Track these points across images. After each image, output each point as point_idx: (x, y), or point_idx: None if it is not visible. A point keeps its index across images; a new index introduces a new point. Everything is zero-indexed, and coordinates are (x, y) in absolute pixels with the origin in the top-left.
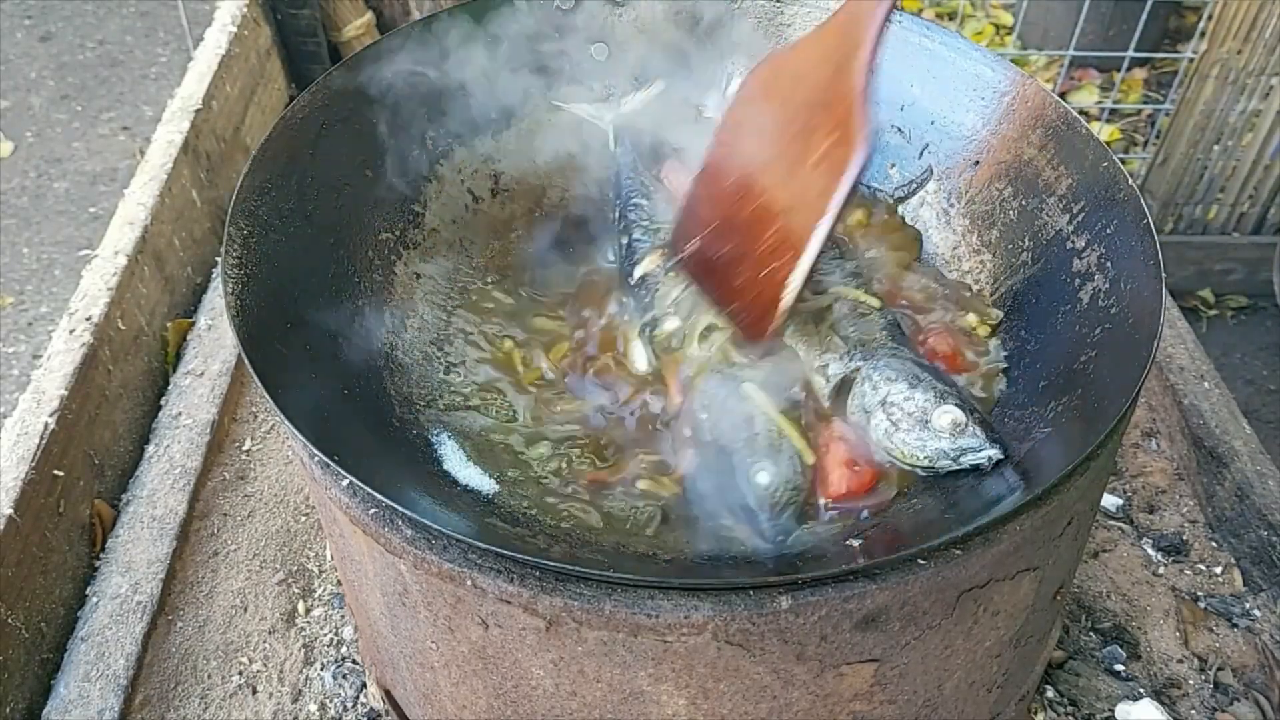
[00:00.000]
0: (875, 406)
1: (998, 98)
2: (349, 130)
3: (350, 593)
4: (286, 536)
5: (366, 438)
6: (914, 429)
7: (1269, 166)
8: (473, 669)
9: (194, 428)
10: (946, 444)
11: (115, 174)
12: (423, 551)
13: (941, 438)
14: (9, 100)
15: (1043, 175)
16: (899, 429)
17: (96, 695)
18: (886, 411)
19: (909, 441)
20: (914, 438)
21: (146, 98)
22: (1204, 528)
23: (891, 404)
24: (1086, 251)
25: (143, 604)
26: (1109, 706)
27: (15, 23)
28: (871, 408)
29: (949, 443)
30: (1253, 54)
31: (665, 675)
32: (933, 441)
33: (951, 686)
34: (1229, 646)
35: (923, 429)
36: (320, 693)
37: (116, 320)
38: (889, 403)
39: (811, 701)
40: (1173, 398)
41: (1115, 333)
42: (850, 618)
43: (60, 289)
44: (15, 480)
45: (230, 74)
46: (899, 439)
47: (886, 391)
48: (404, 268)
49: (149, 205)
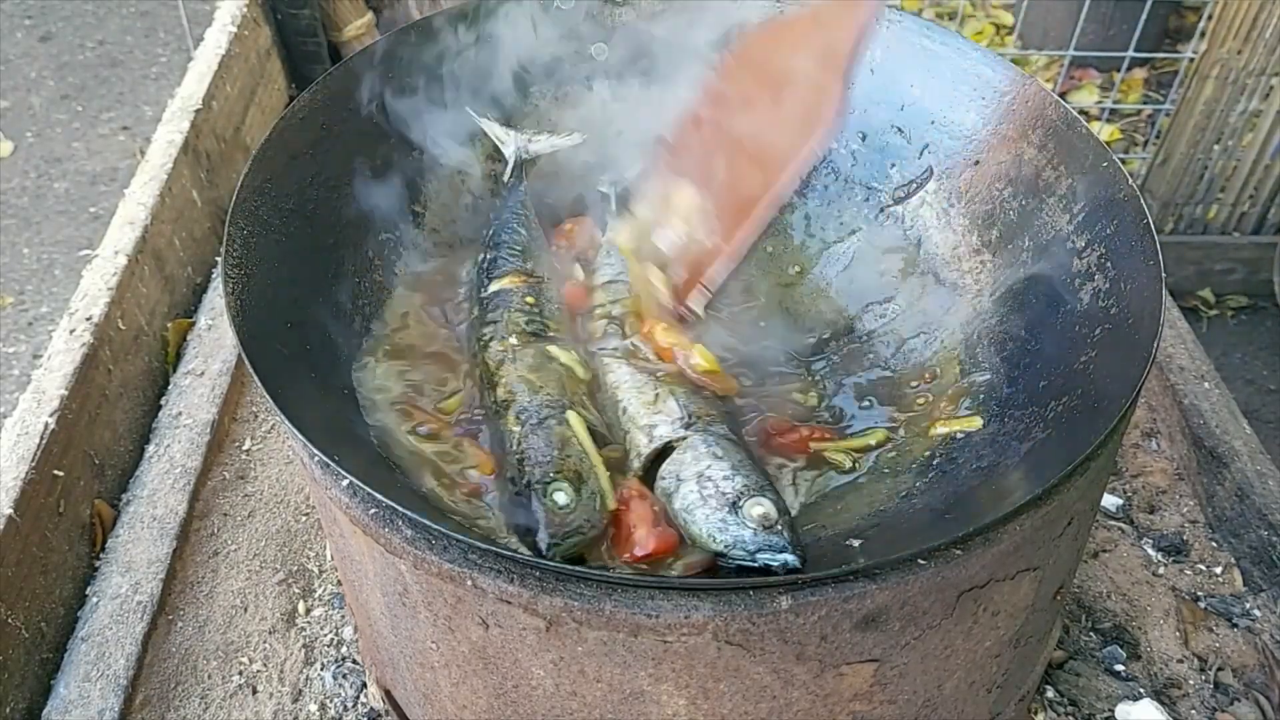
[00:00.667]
0: (690, 476)
1: (998, 98)
2: (349, 130)
3: (350, 593)
4: (287, 536)
5: (366, 438)
6: (720, 509)
7: (1269, 166)
8: (473, 669)
9: (194, 427)
10: (748, 534)
11: (115, 174)
12: (423, 551)
13: (746, 526)
14: (9, 100)
15: (1043, 175)
16: (705, 505)
17: (97, 695)
18: (700, 484)
19: (711, 519)
20: (718, 518)
21: (147, 98)
22: (1204, 528)
23: (708, 478)
24: (1086, 251)
25: (143, 604)
26: (1109, 706)
27: (15, 23)
28: (686, 477)
29: (751, 534)
30: (1253, 54)
31: (665, 675)
32: (736, 527)
33: (951, 686)
34: (1229, 646)
35: (729, 512)
36: (320, 693)
37: (117, 320)
38: (705, 476)
39: (811, 701)
40: (1173, 398)
41: (1115, 333)
42: (850, 618)
43: (60, 289)
44: (15, 480)
45: (230, 74)
46: (702, 514)
47: (707, 465)
48: (404, 268)
49: (149, 205)
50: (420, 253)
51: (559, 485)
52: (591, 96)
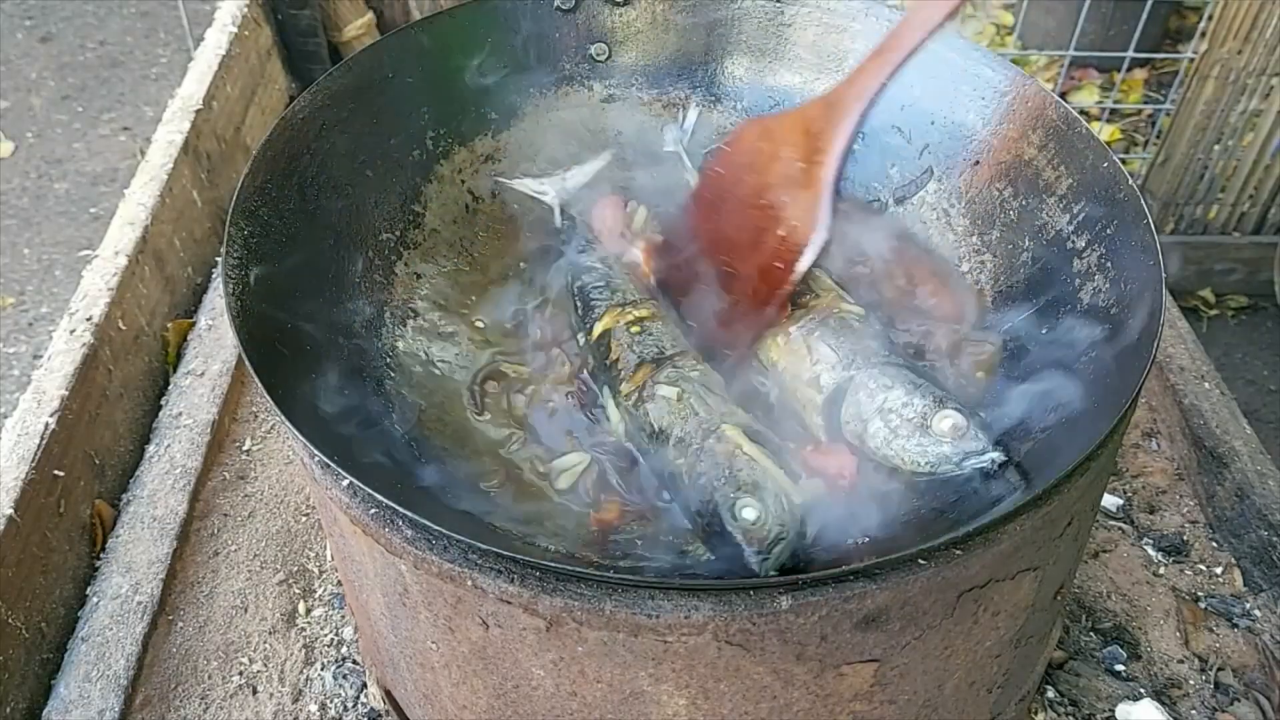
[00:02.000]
0: (873, 414)
1: (998, 98)
2: (349, 130)
3: (350, 593)
4: (287, 537)
5: (367, 438)
6: (914, 435)
7: (1269, 166)
8: (473, 669)
9: (194, 428)
10: (949, 449)
11: (116, 174)
12: (423, 551)
13: (943, 443)
14: (10, 101)
15: (1043, 175)
16: (898, 436)
17: (97, 695)
18: (884, 419)
19: (909, 448)
20: (914, 444)
21: (147, 98)
22: (1204, 528)
23: (890, 411)
24: (1087, 251)
25: (143, 604)
26: (1109, 707)
27: (16, 23)
28: (868, 416)
29: (951, 447)
30: (1253, 54)
31: (665, 675)
32: (934, 447)
33: (952, 687)
34: (1229, 647)
35: (923, 434)
36: (321, 693)
37: (117, 320)
38: (887, 409)
39: (812, 701)
40: (1173, 398)
41: (1115, 333)
42: (850, 618)
43: (61, 289)
44: (16, 480)
45: (231, 74)
46: (899, 445)
47: (884, 399)
48: (404, 268)
49: (149, 205)
50: (421, 253)
51: (744, 502)
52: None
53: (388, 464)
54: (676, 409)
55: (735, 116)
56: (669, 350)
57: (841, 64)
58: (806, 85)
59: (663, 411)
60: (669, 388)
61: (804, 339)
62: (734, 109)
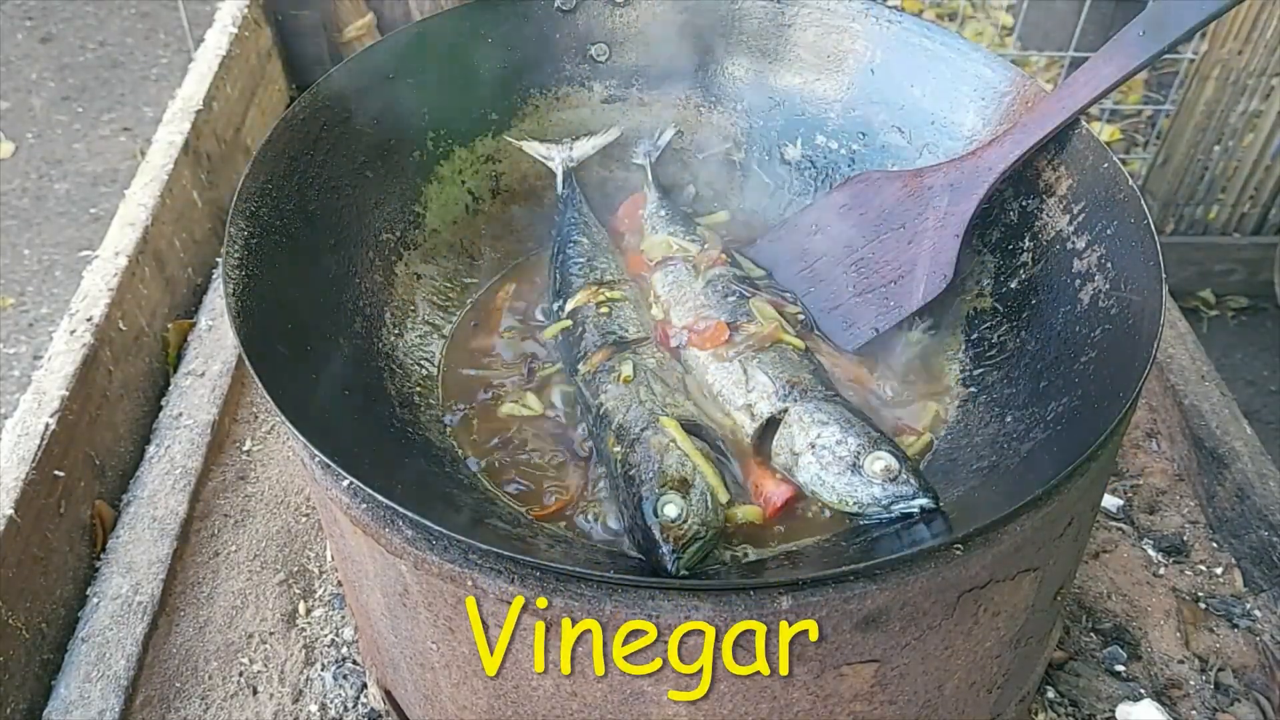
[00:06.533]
0: (804, 448)
1: (998, 98)
2: (349, 131)
3: (351, 593)
4: (287, 537)
5: (367, 438)
6: (845, 472)
7: (1269, 167)
8: (473, 669)
9: (194, 428)
10: (879, 490)
11: (116, 175)
12: (423, 552)
13: (874, 484)
14: (10, 101)
15: (1043, 175)
16: (827, 472)
17: (97, 696)
18: (816, 454)
19: (838, 486)
20: (844, 482)
21: (147, 99)
22: (1204, 528)
23: (822, 447)
24: (1087, 252)
25: (143, 605)
26: (1110, 707)
27: (16, 24)
28: (800, 449)
29: (881, 489)
30: (1253, 54)
31: (665, 675)
32: (865, 487)
33: (952, 687)
34: (1229, 647)
35: (854, 473)
36: (321, 693)
37: (117, 321)
38: (818, 445)
39: (812, 702)
40: (1173, 398)
41: (1115, 333)
42: (850, 618)
43: (61, 290)
44: (16, 481)
45: (231, 75)
46: (830, 481)
47: (817, 434)
48: (404, 268)
49: (150, 206)
50: (421, 253)
51: (667, 498)
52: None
53: (388, 464)
54: (623, 396)
55: (736, 116)
56: (631, 335)
57: (841, 64)
58: (806, 85)
59: (610, 397)
60: (622, 371)
61: (742, 364)
62: (734, 109)
